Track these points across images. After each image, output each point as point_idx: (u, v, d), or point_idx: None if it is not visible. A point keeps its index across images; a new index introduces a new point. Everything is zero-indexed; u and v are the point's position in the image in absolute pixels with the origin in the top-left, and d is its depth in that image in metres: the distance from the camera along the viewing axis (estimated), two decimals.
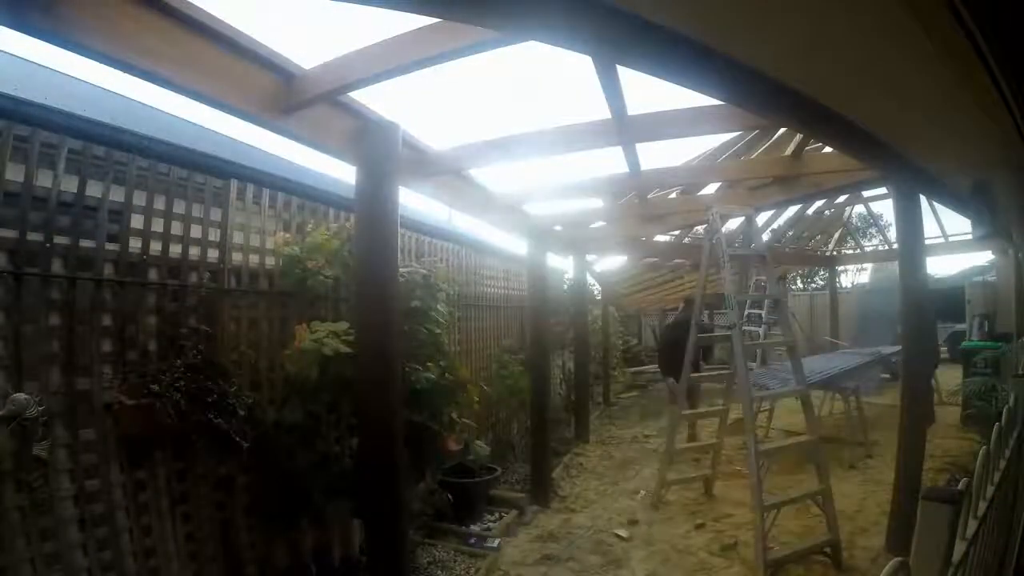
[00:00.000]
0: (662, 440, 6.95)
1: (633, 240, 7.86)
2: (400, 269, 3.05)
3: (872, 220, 15.32)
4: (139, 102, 3.92)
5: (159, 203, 2.57)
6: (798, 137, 3.38)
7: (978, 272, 12.71)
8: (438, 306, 3.53)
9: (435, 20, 1.92)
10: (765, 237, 10.87)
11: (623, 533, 4.17)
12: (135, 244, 2.45)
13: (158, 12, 1.66)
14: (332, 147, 2.64)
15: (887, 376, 8.75)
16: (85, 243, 2.25)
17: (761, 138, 3.94)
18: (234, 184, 2.98)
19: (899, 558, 0.91)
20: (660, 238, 8.98)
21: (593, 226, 6.16)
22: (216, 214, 2.87)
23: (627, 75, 2.49)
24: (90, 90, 3.54)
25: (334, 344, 2.75)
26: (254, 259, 3.06)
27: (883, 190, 8.50)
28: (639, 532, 4.21)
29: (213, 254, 2.83)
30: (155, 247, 2.53)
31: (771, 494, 3.78)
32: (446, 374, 3.39)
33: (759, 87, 1.95)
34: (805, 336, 12.96)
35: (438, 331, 3.50)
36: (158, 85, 1.79)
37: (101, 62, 1.65)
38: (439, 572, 3.46)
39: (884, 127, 2.43)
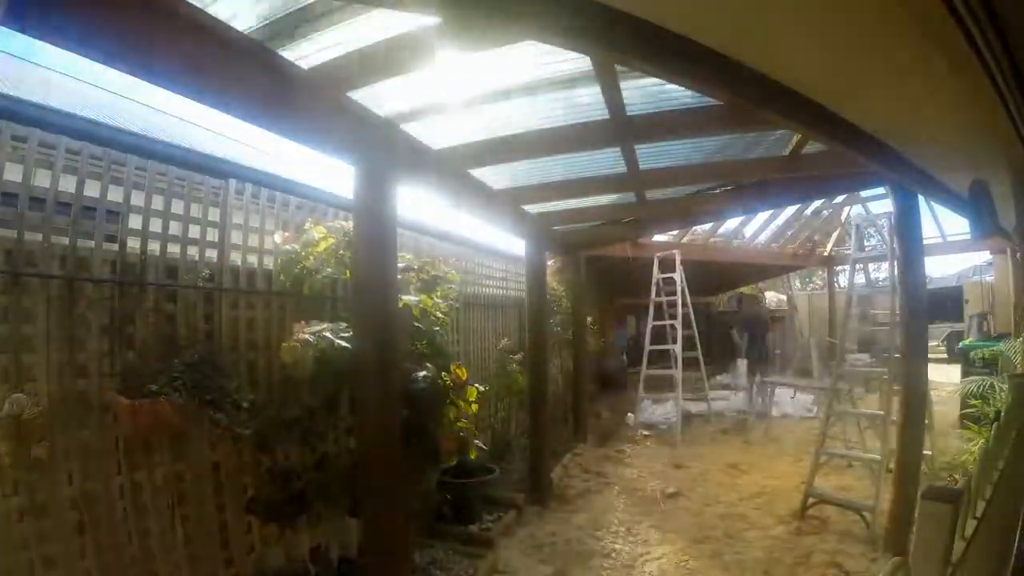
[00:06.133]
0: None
1: (632, 239, 7.89)
2: (399, 265, 3.06)
3: (871, 220, 15.33)
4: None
5: (157, 203, 2.57)
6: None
7: (975, 272, 12.76)
8: (437, 303, 3.54)
9: (436, 20, 1.92)
10: (763, 237, 10.97)
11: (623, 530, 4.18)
12: (133, 244, 2.45)
13: (159, 12, 1.66)
14: (331, 147, 2.63)
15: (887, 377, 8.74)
16: (84, 243, 2.26)
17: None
18: (232, 184, 2.97)
19: (899, 557, 0.92)
20: (659, 238, 9.03)
21: (592, 225, 6.17)
22: (214, 213, 2.87)
23: None
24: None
25: (331, 339, 2.75)
26: (252, 259, 3.06)
27: (881, 190, 8.53)
28: (640, 530, 4.22)
29: (211, 253, 2.83)
30: (153, 247, 2.53)
31: None
32: (444, 374, 3.39)
33: (759, 87, 1.96)
34: (805, 337, 12.97)
35: (436, 329, 3.50)
36: (159, 85, 1.79)
37: (101, 62, 1.64)
38: (437, 572, 3.45)
39: (883, 127, 2.44)
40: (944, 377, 7.86)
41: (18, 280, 2.02)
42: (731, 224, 10.39)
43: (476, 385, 3.83)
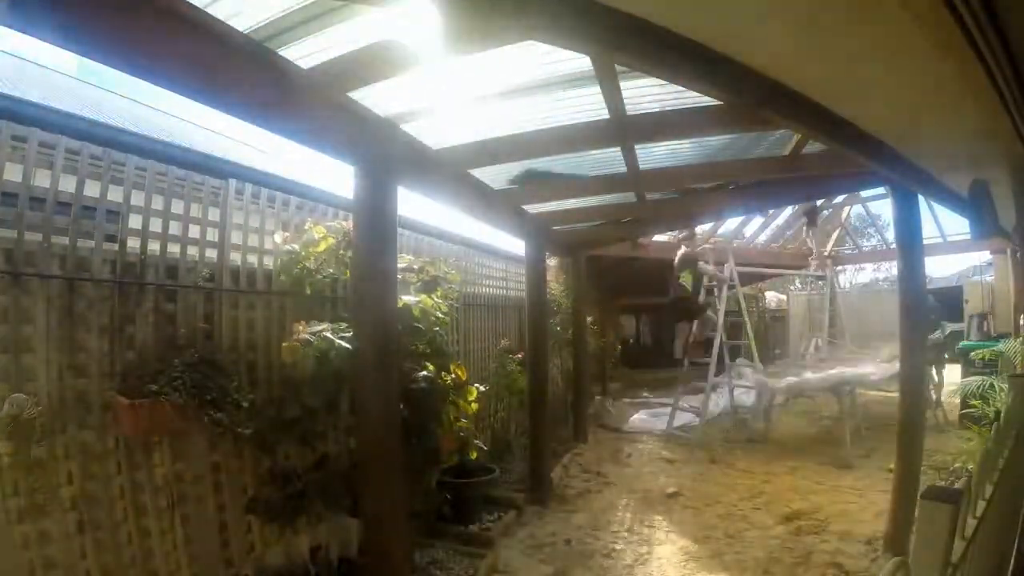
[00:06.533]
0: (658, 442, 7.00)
1: (632, 240, 7.89)
2: (399, 265, 3.06)
3: (870, 220, 15.38)
4: None
5: (157, 203, 2.57)
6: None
7: (975, 272, 12.78)
8: (437, 303, 3.54)
9: (436, 20, 1.92)
10: (763, 236, 10.97)
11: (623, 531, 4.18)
12: (133, 244, 2.45)
13: (159, 12, 1.66)
14: (331, 147, 2.63)
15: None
16: (83, 243, 2.26)
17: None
18: (232, 184, 2.97)
19: (898, 557, 0.92)
20: (659, 238, 9.03)
21: (592, 225, 6.17)
22: (214, 213, 2.86)
23: None
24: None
25: (331, 338, 2.76)
26: (252, 259, 3.06)
27: (881, 190, 8.53)
28: (640, 529, 4.22)
29: (211, 253, 2.83)
30: (153, 247, 2.53)
31: None
32: (444, 374, 3.39)
33: (758, 87, 1.96)
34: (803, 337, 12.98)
35: (436, 329, 3.50)
36: (159, 85, 1.79)
37: (101, 62, 1.65)
38: (437, 572, 3.45)
39: (883, 127, 2.44)
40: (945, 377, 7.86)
41: (18, 280, 2.02)
42: (731, 224, 10.40)
43: (476, 385, 3.83)
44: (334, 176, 5.16)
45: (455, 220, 6.42)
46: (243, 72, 2.01)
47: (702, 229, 9.81)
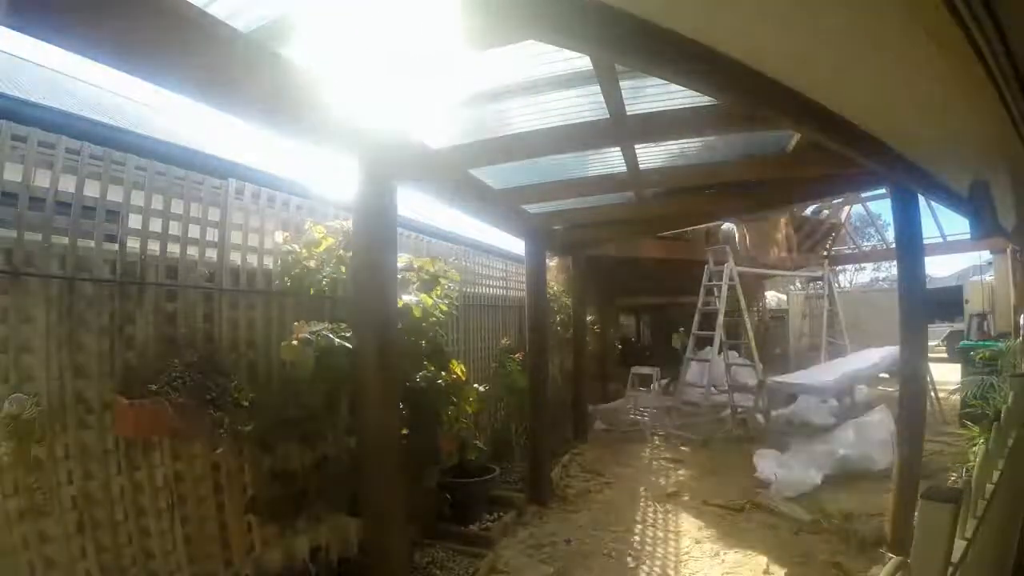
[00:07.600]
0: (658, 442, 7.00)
1: (633, 239, 7.89)
2: (399, 264, 3.06)
3: (870, 220, 15.38)
4: None
5: (157, 203, 2.57)
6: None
7: (975, 272, 12.79)
8: (437, 303, 3.53)
9: (434, 19, 1.92)
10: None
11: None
12: (133, 244, 2.45)
13: (159, 12, 1.66)
14: (331, 146, 2.63)
15: (885, 376, 8.77)
16: (83, 243, 2.25)
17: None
18: (232, 184, 2.97)
19: (899, 557, 0.92)
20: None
21: (592, 225, 6.16)
22: (214, 213, 2.86)
23: None
24: None
25: (331, 338, 2.76)
26: (252, 259, 3.06)
27: (882, 190, 8.54)
28: (640, 529, 4.22)
29: (211, 253, 2.83)
30: (153, 247, 2.53)
31: None
32: (444, 373, 3.39)
33: (757, 86, 1.96)
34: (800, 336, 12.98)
35: (437, 328, 3.50)
36: (160, 85, 1.80)
37: (101, 62, 1.65)
38: (437, 572, 3.45)
39: (883, 127, 2.44)
40: (944, 377, 7.87)
41: (18, 280, 2.02)
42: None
43: (476, 385, 3.83)
44: (334, 176, 5.16)
45: (455, 220, 6.43)
46: (243, 71, 2.01)
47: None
